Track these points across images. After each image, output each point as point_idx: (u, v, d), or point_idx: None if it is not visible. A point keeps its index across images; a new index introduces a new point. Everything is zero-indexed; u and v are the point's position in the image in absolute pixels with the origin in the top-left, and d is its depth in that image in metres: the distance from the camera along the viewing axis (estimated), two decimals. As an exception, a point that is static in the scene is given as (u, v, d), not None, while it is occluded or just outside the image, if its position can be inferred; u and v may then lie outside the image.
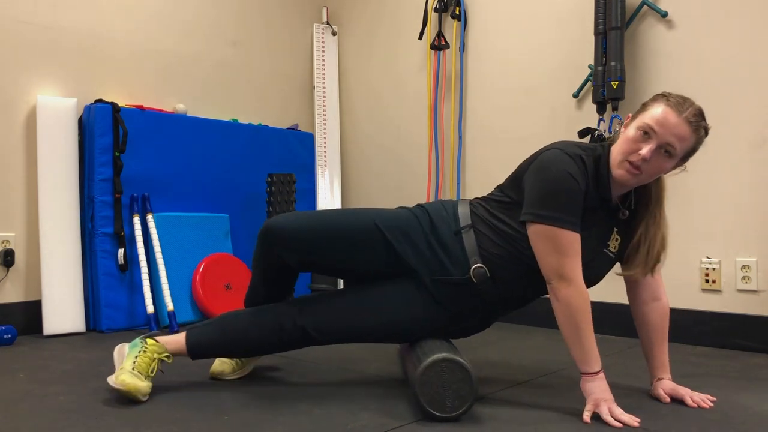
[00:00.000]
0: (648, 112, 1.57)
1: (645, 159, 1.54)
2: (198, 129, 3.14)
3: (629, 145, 1.57)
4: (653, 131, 1.54)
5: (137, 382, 1.64)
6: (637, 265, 1.68)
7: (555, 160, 1.58)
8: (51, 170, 2.67)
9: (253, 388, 1.81)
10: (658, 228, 1.68)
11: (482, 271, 1.67)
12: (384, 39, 3.62)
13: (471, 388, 1.52)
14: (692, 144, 1.57)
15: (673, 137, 1.53)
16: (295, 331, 1.73)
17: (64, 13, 2.80)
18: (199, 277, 2.95)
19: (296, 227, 1.73)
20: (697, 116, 1.56)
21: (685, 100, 1.57)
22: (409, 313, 1.71)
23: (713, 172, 2.53)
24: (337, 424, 1.50)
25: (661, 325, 1.77)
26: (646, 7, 2.67)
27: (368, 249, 1.73)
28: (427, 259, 1.70)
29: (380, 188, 3.61)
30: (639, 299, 1.77)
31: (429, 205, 1.80)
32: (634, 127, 1.58)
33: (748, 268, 2.45)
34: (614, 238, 1.70)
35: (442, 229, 1.72)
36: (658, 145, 1.54)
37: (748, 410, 1.65)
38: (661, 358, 1.77)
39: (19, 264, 2.65)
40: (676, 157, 1.57)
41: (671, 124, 1.53)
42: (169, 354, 1.76)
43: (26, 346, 2.40)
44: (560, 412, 1.59)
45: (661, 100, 1.57)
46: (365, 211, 1.79)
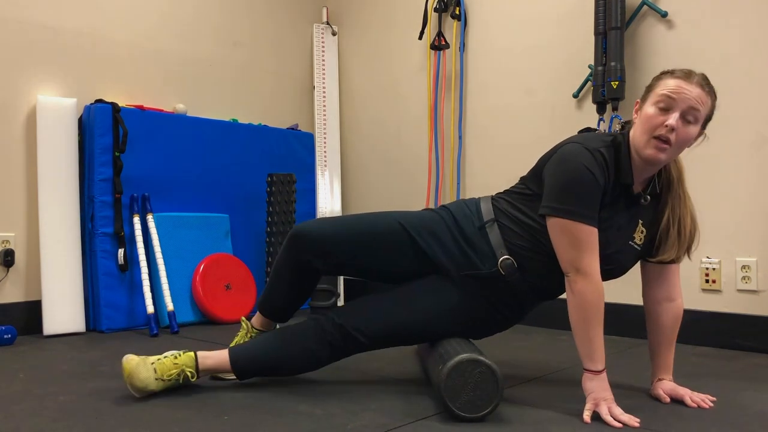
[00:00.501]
0: (658, 87, 1.58)
1: (673, 128, 1.53)
2: (198, 129, 3.14)
3: (651, 121, 1.56)
4: (673, 100, 1.54)
5: (140, 370, 1.64)
6: (671, 247, 1.67)
7: (574, 154, 1.58)
8: (51, 170, 2.67)
9: (253, 388, 1.81)
10: (685, 207, 1.67)
11: (509, 262, 1.69)
12: (384, 39, 3.62)
13: (496, 387, 1.52)
14: (710, 107, 1.59)
15: (693, 101, 1.54)
16: (340, 337, 1.72)
17: (64, 13, 2.80)
18: (199, 277, 2.95)
19: (325, 232, 1.76)
20: (706, 80, 1.59)
21: (690, 70, 1.59)
22: (444, 306, 1.73)
23: (713, 172, 2.53)
24: (338, 424, 1.49)
25: (671, 327, 1.76)
26: (646, 7, 2.67)
27: (395, 249, 1.75)
28: (455, 255, 1.72)
29: (380, 188, 3.61)
30: (653, 298, 1.76)
31: (451, 205, 1.83)
32: (650, 105, 1.58)
33: (748, 268, 2.45)
34: (640, 230, 1.69)
35: (466, 225, 1.74)
36: (681, 113, 1.55)
37: (748, 410, 1.65)
38: (666, 359, 1.77)
39: (19, 264, 2.65)
40: (699, 123, 1.58)
41: (687, 90, 1.54)
42: (194, 373, 1.73)
43: (26, 346, 2.40)
44: (560, 412, 1.59)
45: (667, 75, 1.59)
46: (389, 213, 1.82)
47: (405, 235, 1.75)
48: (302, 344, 1.76)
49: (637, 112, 1.63)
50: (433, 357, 1.70)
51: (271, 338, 1.82)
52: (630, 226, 1.68)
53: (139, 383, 1.65)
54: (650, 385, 1.79)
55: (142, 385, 1.66)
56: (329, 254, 1.76)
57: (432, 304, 1.73)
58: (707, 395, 1.70)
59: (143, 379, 1.65)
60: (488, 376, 1.52)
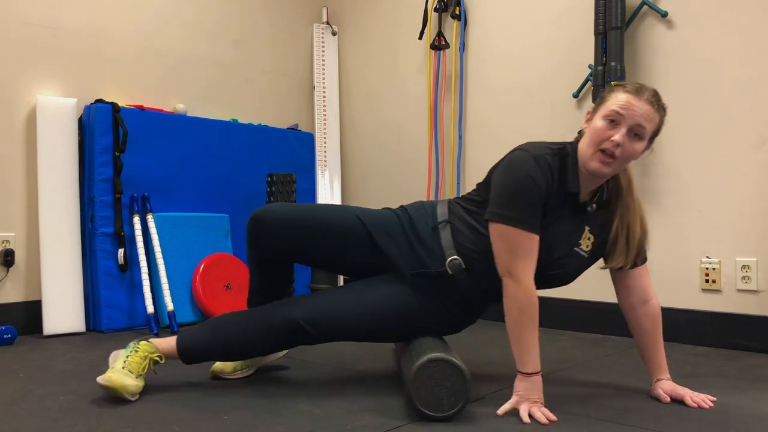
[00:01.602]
0: (609, 101, 1.60)
1: (618, 144, 1.56)
2: (198, 129, 3.14)
3: (598, 135, 1.58)
4: (621, 116, 1.56)
5: (124, 380, 1.65)
6: (619, 254, 1.70)
7: (518, 161, 1.62)
8: (51, 170, 2.67)
9: (253, 388, 1.81)
10: (633, 215, 1.70)
11: (457, 262, 1.71)
12: (384, 39, 3.62)
13: (464, 384, 1.52)
14: (657, 123, 1.61)
15: (641, 118, 1.56)
16: (287, 325, 1.73)
17: (64, 13, 2.80)
18: (199, 277, 2.95)
19: (283, 213, 1.79)
20: (656, 96, 1.60)
21: (641, 85, 1.61)
22: (397, 303, 1.74)
23: (713, 172, 2.53)
24: (337, 424, 1.50)
25: (653, 328, 1.76)
26: (646, 7, 2.67)
27: (351, 242, 1.79)
28: (406, 253, 1.76)
29: (380, 188, 3.61)
30: (628, 303, 1.78)
31: (410, 206, 1.87)
32: (599, 118, 1.60)
33: (748, 268, 2.45)
34: (586, 237, 1.71)
35: (420, 225, 1.78)
36: (628, 129, 1.56)
37: (748, 410, 1.65)
38: (657, 360, 1.77)
39: (19, 264, 2.65)
40: (645, 139, 1.60)
41: (636, 107, 1.56)
42: (161, 354, 1.76)
43: (26, 346, 2.40)
44: (560, 412, 1.59)
45: (618, 88, 1.61)
46: (349, 207, 1.88)
47: (362, 230, 1.78)
48: (257, 334, 1.76)
49: (588, 122, 1.64)
50: (405, 356, 1.71)
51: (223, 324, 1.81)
52: (576, 232, 1.70)
53: (127, 393, 1.65)
54: (649, 386, 1.79)
55: (131, 391, 1.66)
56: (285, 237, 1.78)
57: (385, 301, 1.75)
58: (707, 395, 1.70)
59: (128, 386, 1.65)
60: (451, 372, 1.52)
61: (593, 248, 1.73)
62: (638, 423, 1.52)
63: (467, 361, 2.19)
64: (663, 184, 2.65)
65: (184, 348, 1.78)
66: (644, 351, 1.79)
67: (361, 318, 1.75)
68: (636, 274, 1.75)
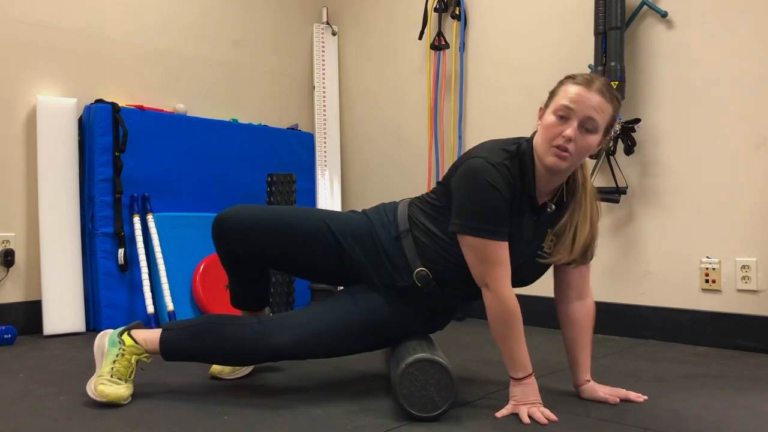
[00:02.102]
0: (559, 95, 1.56)
1: (570, 138, 1.52)
2: (198, 129, 3.14)
3: (550, 130, 1.55)
4: (571, 110, 1.52)
5: (117, 390, 1.62)
6: (564, 250, 1.64)
7: (479, 170, 1.57)
8: (51, 170, 2.67)
9: (253, 388, 1.81)
10: (584, 215, 1.65)
11: (424, 274, 1.69)
12: (384, 39, 3.62)
13: (448, 376, 1.52)
14: (610, 114, 1.56)
15: (592, 110, 1.52)
16: (266, 351, 1.69)
17: (64, 13, 2.80)
18: (199, 277, 2.95)
19: (246, 216, 1.76)
20: (608, 86, 1.56)
21: (591, 76, 1.57)
22: (375, 316, 1.72)
23: (713, 172, 2.53)
24: (337, 424, 1.50)
25: (585, 326, 1.75)
26: (646, 7, 2.67)
27: (319, 248, 1.74)
28: (375, 264, 1.73)
29: (380, 188, 3.60)
30: (564, 298, 1.75)
31: (371, 211, 1.82)
32: (550, 113, 1.57)
33: (748, 268, 2.45)
34: (549, 239, 1.68)
35: (383, 234, 1.74)
36: (579, 122, 1.52)
37: (748, 410, 1.65)
38: (585, 361, 1.75)
39: (19, 264, 2.65)
40: (599, 131, 1.55)
41: (586, 99, 1.52)
42: (149, 354, 1.72)
43: (26, 346, 2.40)
44: (560, 412, 1.59)
45: (568, 81, 1.57)
46: (317, 211, 1.83)
47: (330, 237, 1.74)
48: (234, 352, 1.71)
49: (540, 118, 1.61)
50: (391, 364, 1.70)
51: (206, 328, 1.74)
52: (538, 235, 1.67)
53: (126, 394, 1.64)
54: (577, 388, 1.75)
55: (125, 398, 1.64)
56: (248, 240, 1.75)
57: (362, 316, 1.71)
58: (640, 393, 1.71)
59: (122, 394, 1.63)
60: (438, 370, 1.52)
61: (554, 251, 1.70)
62: (638, 423, 1.52)
63: (468, 361, 2.20)
64: (663, 184, 2.65)
65: (167, 348, 1.72)
66: (573, 349, 1.75)
67: (341, 336, 1.71)
68: (576, 273, 1.72)
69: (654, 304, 2.65)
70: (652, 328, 2.63)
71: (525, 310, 3.06)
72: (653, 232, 2.68)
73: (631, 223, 2.72)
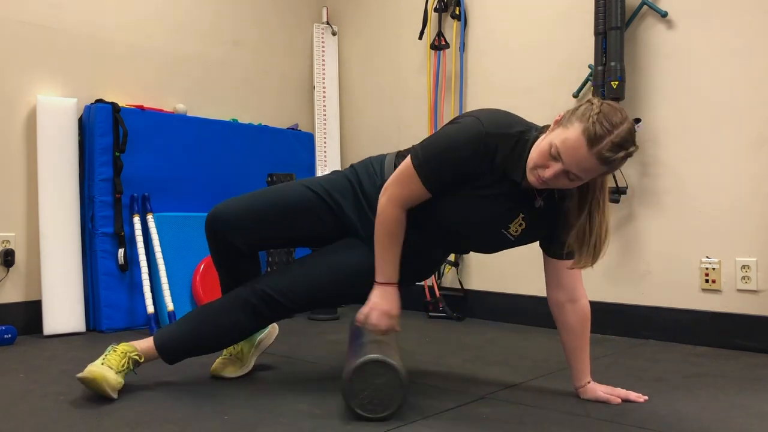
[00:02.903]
0: (566, 131, 1.45)
1: (547, 180, 1.49)
2: (198, 129, 3.14)
3: (539, 158, 1.50)
4: (560, 156, 1.45)
5: (105, 372, 1.65)
6: (588, 257, 1.58)
7: (464, 126, 1.60)
8: (51, 170, 2.67)
9: (253, 388, 1.81)
10: (603, 216, 1.59)
11: None
12: (384, 39, 3.62)
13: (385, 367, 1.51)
14: (600, 173, 1.49)
15: (578, 169, 1.45)
16: (254, 296, 1.74)
17: (65, 13, 2.80)
18: (199, 277, 2.95)
19: (235, 206, 1.81)
20: (614, 149, 1.41)
21: (607, 130, 1.41)
22: (360, 263, 1.75)
23: (713, 172, 2.53)
24: (337, 424, 1.50)
25: (580, 328, 1.72)
26: (646, 7, 2.67)
27: (309, 214, 1.81)
28: (360, 215, 1.79)
29: (380, 188, 3.60)
30: (555, 300, 1.74)
31: (359, 164, 1.88)
32: (548, 142, 1.49)
33: (748, 268, 2.45)
34: (518, 223, 1.67)
35: (368, 184, 1.81)
36: (563, 171, 1.47)
37: (748, 410, 1.65)
38: (584, 363, 1.74)
39: (19, 264, 2.65)
40: (582, 181, 1.50)
41: (578, 157, 1.43)
42: (140, 354, 1.74)
43: (26, 346, 2.40)
44: (560, 412, 1.59)
45: (584, 121, 1.43)
46: (296, 182, 1.88)
47: (315, 199, 1.80)
48: (229, 317, 1.76)
49: (555, 124, 1.51)
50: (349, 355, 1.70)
51: (196, 316, 1.81)
52: (507, 215, 1.66)
53: (108, 386, 1.65)
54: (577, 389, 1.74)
55: (112, 385, 1.66)
56: (246, 229, 1.79)
57: (350, 262, 1.77)
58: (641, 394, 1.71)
59: (108, 378, 1.65)
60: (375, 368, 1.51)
61: (521, 235, 1.69)
62: (638, 423, 1.52)
63: (467, 362, 2.20)
64: (663, 184, 2.65)
65: (162, 347, 1.76)
66: (570, 352, 1.74)
67: (326, 278, 1.76)
68: (567, 271, 1.70)
69: (654, 304, 2.65)
70: (652, 328, 2.63)
71: (526, 310, 3.06)
72: (653, 232, 2.68)
73: (631, 223, 2.72)
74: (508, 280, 3.05)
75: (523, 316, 2.96)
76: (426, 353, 2.32)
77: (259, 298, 1.74)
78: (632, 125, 1.47)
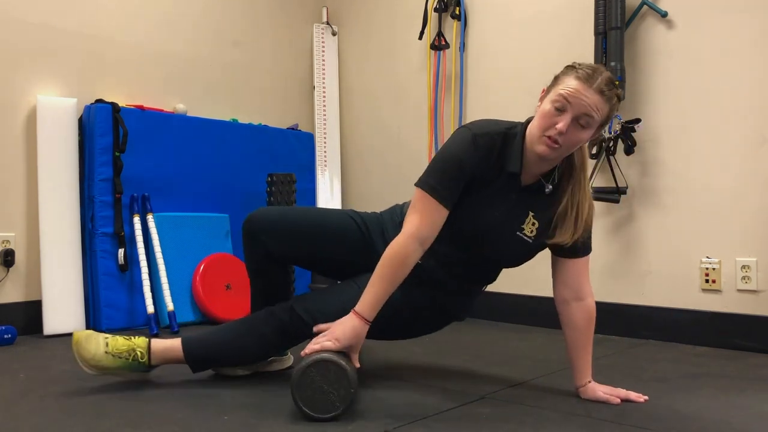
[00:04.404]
0: (560, 85, 1.56)
1: (561, 132, 1.54)
2: (198, 129, 3.14)
3: (545, 120, 1.57)
4: (567, 103, 1.53)
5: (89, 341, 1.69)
6: (566, 230, 1.65)
7: (455, 137, 1.67)
8: (51, 170, 2.67)
9: (253, 388, 1.81)
10: (584, 193, 1.66)
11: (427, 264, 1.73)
12: (384, 39, 3.62)
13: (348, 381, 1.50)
14: (606, 112, 1.57)
15: (588, 108, 1.53)
16: (288, 316, 1.75)
17: (64, 13, 2.80)
18: (199, 277, 2.95)
19: (278, 212, 1.84)
20: (609, 84, 1.55)
21: (594, 70, 1.56)
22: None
23: (713, 172, 2.53)
24: (337, 424, 1.49)
25: (584, 327, 1.73)
26: (646, 7, 2.67)
27: (345, 240, 1.82)
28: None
29: (380, 188, 3.61)
30: (562, 298, 1.74)
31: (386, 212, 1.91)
32: (548, 101, 1.57)
33: (748, 268, 2.45)
34: (530, 222, 1.68)
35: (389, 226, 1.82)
36: (573, 117, 1.54)
37: (748, 410, 1.65)
38: (586, 362, 1.74)
39: (19, 264, 2.65)
40: (593, 127, 1.57)
41: (584, 96, 1.52)
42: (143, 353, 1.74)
43: (26, 346, 2.40)
44: (560, 412, 1.59)
45: (571, 72, 1.56)
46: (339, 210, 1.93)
47: (354, 227, 1.82)
48: (257, 331, 1.79)
49: (541, 100, 1.62)
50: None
51: (225, 328, 1.85)
52: (518, 215, 1.68)
53: (87, 353, 1.68)
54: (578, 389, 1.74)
55: (90, 355, 1.68)
56: (281, 235, 1.79)
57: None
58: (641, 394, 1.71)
59: (92, 350, 1.68)
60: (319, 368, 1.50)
61: (537, 236, 1.69)
62: (638, 423, 1.52)
63: (467, 361, 2.20)
64: (663, 183, 2.65)
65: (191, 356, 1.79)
66: (573, 351, 1.74)
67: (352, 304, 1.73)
68: (574, 268, 1.71)
69: (654, 304, 2.65)
70: (652, 328, 2.63)
71: (526, 310, 3.06)
72: (653, 232, 2.68)
73: (631, 223, 2.72)
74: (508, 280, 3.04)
75: (523, 316, 2.96)
76: (426, 353, 2.32)
77: (289, 315, 1.76)
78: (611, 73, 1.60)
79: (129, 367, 1.74)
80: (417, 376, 1.98)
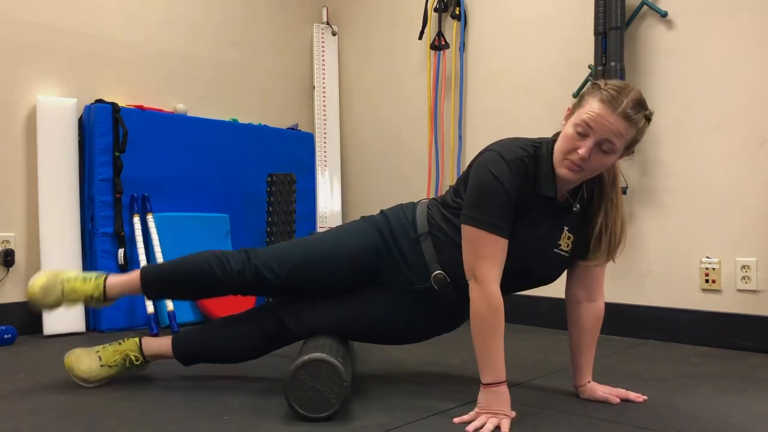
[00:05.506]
0: (584, 107, 1.50)
1: (584, 158, 1.48)
2: (198, 129, 3.14)
3: (567, 143, 1.51)
4: (590, 129, 1.47)
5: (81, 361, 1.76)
6: (602, 253, 1.62)
7: (487, 162, 1.56)
8: (51, 170, 2.67)
9: (253, 388, 1.81)
10: (617, 211, 1.63)
11: (441, 277, 1.69)
12: (384, 39, 3.62)
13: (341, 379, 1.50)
14: (632, 137, 1.51)
15: (610, 134, 1.47)
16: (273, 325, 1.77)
17: (64, 13, 2.80)
18: (199, 277, 2.94)
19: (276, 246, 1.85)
20: (635, 108, 1.48)
21: (620, 92, 1.48)
22: (381, 308, 1.75)
23: (713, 172, 2.53)
24: (337, 424, 1.49)
25: (592, 328, 1.73)
26: (646, 7, 2.67)
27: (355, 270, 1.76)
28: (391, 270, 1.74)
29: (380, 188, 3.61)
30: (574, 298, 1.74)
31: (390, 212, 1.82)
32: (571, 124, 1.52)
33: (748, 268, 2.45)
34: (566, 237, 1.66)
35: (402, 238, 1.74)
36: (595, 143, 1.48)
37: (748, 410, 1.65)
38: (588, 362, 1.74)
39: (19, 264, 2.65)
40: (617, 152, 1.51)
41: (606, 122, 1.46)
42: (137, 355, 1.80)
43: (26, 346, 2.40)
44: (560, 412, 1.59)
45: (596, 93, 1.49)
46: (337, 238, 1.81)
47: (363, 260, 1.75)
48: (243, 334, 1.81)
49: (566, 119, 1.56)
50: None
51: (215, 326, 1.88)
52: (554, 234, 1.65)
53: (83, 373, 1.73)
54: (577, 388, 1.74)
55: (86, 374, 1.73)
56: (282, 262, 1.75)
57: (375, 303, 1.75)
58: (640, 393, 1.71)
59: (86, 369, 1.74)
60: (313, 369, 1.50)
61: (573, 247, 1.68)
62: (638, 423, 1.52)
63: (467, 362, 2.20)
64: (663, 184, 2.65)
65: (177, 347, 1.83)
66: (576, 351, 1.74)
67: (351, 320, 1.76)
68: (595, 272, 1.70)
69: (654, 304, 2.65)
70: (652, 328, 2.63)
71: (526, 310, 3.07)
72: (653, 232, 2.68)
73: (631, 223, 2.72)
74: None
75: (523, 316, 2.96)
76: (426, 353, 2.32)
77: (276, 328, 1.77)
78: (640, 92, 1.52)
79: (126, 370, 1.81)
80: (417, 376, 1.98)
